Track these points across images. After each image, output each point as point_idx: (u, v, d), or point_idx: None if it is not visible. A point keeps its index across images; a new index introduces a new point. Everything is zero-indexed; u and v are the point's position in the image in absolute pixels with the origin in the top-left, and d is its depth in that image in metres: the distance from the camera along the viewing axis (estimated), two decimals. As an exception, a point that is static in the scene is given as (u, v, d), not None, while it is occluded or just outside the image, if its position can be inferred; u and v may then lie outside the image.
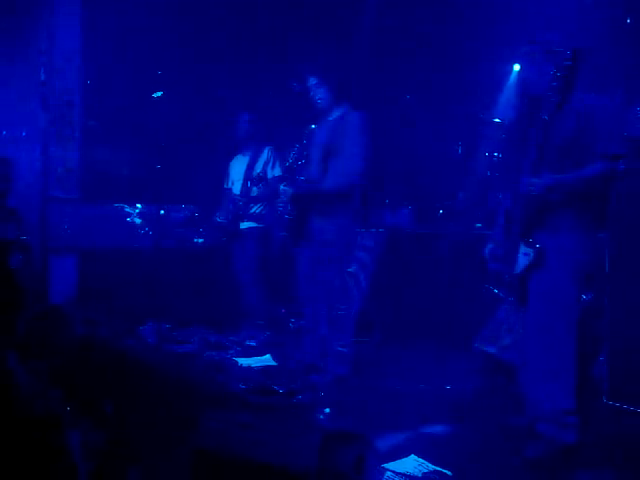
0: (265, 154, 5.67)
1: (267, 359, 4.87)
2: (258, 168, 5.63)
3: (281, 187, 4.56)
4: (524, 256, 3.18)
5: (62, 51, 6.16)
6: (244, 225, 5.67)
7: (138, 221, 6.62)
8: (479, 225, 6.31)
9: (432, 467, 2.95)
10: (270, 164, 5.64)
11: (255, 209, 5.66)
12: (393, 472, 2.88)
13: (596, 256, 3.56)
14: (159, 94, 6.45)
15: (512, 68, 7.14)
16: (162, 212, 6.71)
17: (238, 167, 5.81)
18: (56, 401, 2.51)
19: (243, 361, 4.74)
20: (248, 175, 5.67)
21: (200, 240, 6.09)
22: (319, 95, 4.44)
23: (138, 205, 6.62)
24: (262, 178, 5.53)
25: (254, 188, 5.62)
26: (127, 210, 6.58)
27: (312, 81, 4.43)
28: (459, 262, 5.67)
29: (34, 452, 2.16)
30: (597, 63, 3.22)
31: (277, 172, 5.61)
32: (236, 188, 5.75)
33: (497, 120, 6.73)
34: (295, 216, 4.49)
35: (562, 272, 3.17)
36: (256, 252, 5.63)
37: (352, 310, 4.51)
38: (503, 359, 4.50)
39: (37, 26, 6.06)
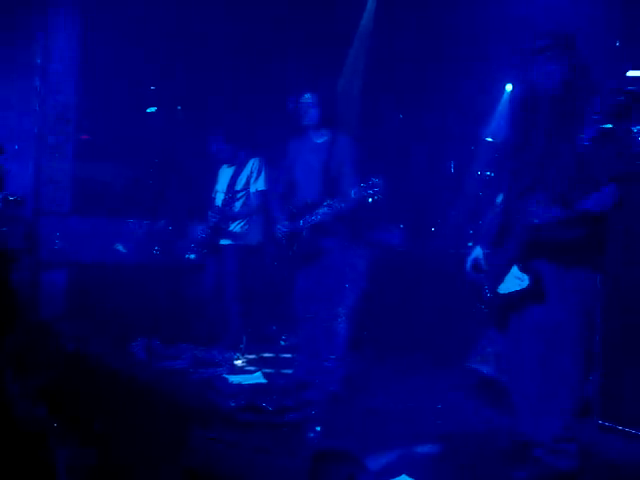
0: (249, 167, 5.51)
1: (257, 376, 4.84)
2: (241, 182, 5.50)
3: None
4: (515, 279, 2.99)
5: (58, 66, 6.18)
6: (224, 242, 5.52)
7: (129, 236, 6.59)
8: (471, 244, 6.30)
9: (423, 487, 2.92)
10: (253, 177, 5.49)
11: (235, 226, 5.51)
12: (384, 492, 2.85)
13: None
14: (153, 109, 6.47)
15: (504, 88, 7.19)
16: (153, 227, 6.68)
17: (223, 178, 5.65)
18: (43, 418, 2.47)
19: (233, 378, 4.72)
20: (230, 188, 5.51)
21: (192, 256, 6.07)
22: (310, 114, 4.42)
23: (130, 220, 6.60)
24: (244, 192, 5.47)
25: (236, 203, 5.49)
26: (118, 224, 6.55)
27: (307, 99, 4.42)
28: (450, 280, 5.65)
29: (20, 469, 2.13)
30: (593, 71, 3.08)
31: (260, 186, 5.46)
32: (218, 200, 5.60)
33: (489, 139, 6.76)
34: (312, 242, 4.42)
35: (565, 309, 2.97)
36: (236, 270, 5.47)
37: (345, 327, 4.48)
38: (497, 379, 4.46)
39: (33, 39, 6.07)
